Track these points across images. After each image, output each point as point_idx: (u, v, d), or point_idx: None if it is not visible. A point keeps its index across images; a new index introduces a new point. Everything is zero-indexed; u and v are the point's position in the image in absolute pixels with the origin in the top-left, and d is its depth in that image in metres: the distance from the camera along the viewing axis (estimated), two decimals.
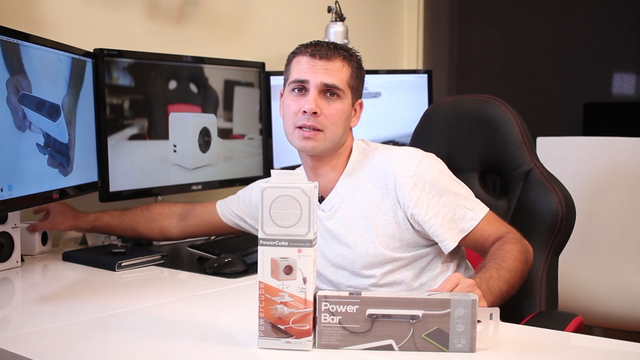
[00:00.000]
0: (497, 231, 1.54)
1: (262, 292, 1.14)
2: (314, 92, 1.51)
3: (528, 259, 1.51)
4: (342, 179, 1.59)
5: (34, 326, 1.29)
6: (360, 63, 1.59)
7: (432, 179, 1.52)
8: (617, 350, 1.25)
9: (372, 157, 1.59)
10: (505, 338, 1.20)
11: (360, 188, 1.57)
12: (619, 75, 4.34)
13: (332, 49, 1.54)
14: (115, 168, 1.98)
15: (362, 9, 2.98)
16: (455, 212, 1.53)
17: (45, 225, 1.90)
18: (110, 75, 1.97)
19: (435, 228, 1.52)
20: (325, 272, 1.61)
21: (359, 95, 1.60)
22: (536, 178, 1.73)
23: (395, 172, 1.53)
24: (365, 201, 1.56)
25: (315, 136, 1.52)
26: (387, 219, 1.54)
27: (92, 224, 1.94)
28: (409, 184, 1.51)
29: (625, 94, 4.29)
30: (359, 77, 1.58)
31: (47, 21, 2.04)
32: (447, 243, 1.52)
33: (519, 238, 1.53)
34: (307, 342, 1.13)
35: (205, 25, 2.49)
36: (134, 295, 1.53)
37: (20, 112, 1.58)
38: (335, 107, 1.52)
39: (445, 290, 1.27)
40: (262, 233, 1.14)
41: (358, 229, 1.56)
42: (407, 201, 1.52)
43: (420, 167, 1.53)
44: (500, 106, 1.80)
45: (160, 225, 1.94)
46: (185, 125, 2.19)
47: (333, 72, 1.52)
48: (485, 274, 1.41)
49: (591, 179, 2.37)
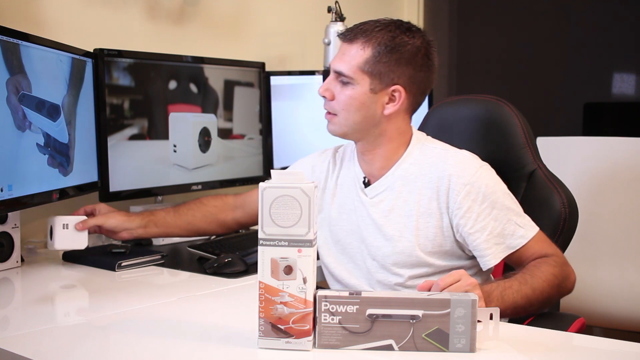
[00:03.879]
0: (541, 251, 1.49)
1: (262, 292, 1.14)
2: (330, 77, 1.52)
3: (562, 285, 1.46)
4: (393, 169, 1.55)
5: (34, 326, 1.29)
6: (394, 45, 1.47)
7: (487, 190, 1.48)
8: (618, 350, 1.25)
9: (428, 154, 1.55)
10: (505, 338, 1.20)
11: (409, 184, 1.53)
12: (619, 75, 4.34)
13: (356, 31, 1.49)
14: (115, 168, 1.98)
15: (362, 9, 2.98)
16: (505, 228, 1.48)
17: (95, 220, 1.77)
18: (110, 75, 1.97)
19: (479, 242, 1.47)
20: (362, 260, 1.58)
21: (392, 81, 1.48)
22: (539, 179, 1.72)
23: (450, 177, 1.49)
24: (413, 198, 1.53)
25: (331, 119, 1.54)
26: (431, 221, 1.51)
27: (147, 219, 1.82)
28: (462, 192, 1.47)
29: (625, 94, 4.29)
30: (385, 62, 1.47)
31: (47, 21, 2.04)
32: (488, 259, 1.47)
33: (562, 263, 1.48)
34: (307, 342, 1.13)
35: (205, 25, 2.49)
36: (134, 295, 1.53)
37: (20, 112, 1.58)
38: (345, 93, 1.49)
39: (444, 283, 1.27)
40: (262, 233, 1.14)
41: (399, 225, 1.53)
42: (456, 209, 1.48)
43: (476, 176, 1.49)
44: (504, 107, 1.80)
45: (217, 218, 1.86)
46: (185, 125, 2.19)
47: (347, 57, 1.49)
48: (505, 282, 1.39)
49: (591, 179, 2.37)
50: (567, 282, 1.48)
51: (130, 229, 1.79)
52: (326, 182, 1.67)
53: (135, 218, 1.81)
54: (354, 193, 1.61)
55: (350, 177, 1.63)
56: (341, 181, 1.65)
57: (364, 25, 1.51)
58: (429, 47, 1.52)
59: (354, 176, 1.62)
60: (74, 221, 1.75)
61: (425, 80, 1.53)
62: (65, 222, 1.74)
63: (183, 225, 1.85)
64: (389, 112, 1.51)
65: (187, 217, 1.85)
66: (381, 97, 1.50)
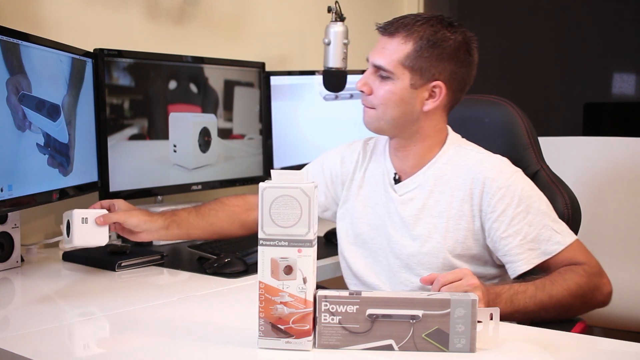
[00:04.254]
0: (572, 259, 1.45)
1: (262, 292, 1.14)
2: (368, 71, 1.50)
3: (589, 296, 1.42)
4: (426, 168, 1.53)
5: (34, 326, 1.29)
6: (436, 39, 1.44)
7: (522, 194, 1.46)
8: (618, 350, 1.25)
9: (463, 156, 1.53)
10: (505, 338, 1.20)
11: (442, 184, 1.51)
12: (619, 75, 4.34)
13: (397, 25, 1.47)
14: (115, 168, 1.98)
15: (362, 9, 2.98)
16: (541, 233, 1.45)
17: (117, 217, 1.61)
18: (110, 75, 1.97)
19: (512, 247, 1.44)
20: (384, 257, 1.56)
21: (433, 76, 1.46)
22: (542, 180, 1.71)
23: (485, 179, 1.47)
24: (445, 199, 1.51)
25: (368, 112, 1.51)
26: (462, 224, 1.49)
27: (170, 219, 1.67)
28: (497, 195, 1.46)
29: (625, 94, 4.29)
30: (427, 57, 1.45)
31: (47, 21, 2.04)
32: (519, 265, 1.44)
33: (593, 273, 1.43)
34: (307, 342, 1.13)
35: (205, 25, 2.49)
36: (134, 295, 1.53)
37: (20, 112, 1.58)
38: (384, 87, 1.47)
39: (444, 280, 1.27)
40: (262, 233, 1.14)
41: (428, 225, 1.51)
42: (489, 212, 1.46)
43: (512, 180, 1.47)
44: (508, 107, 1.79)
45: (239, 218, 1.77)
46: (185, 125, 2.19)
47: (387, 51, 1.46)
48: (520, 286, 1.37)
49: (591, 179, 2.37)
50: (596, 294, 1.43)
51: (151, 231, 1.65)
52: (354, 173, 1.65)
53: (158, 218, 1.66)
54: (382, 188, 1.59)
55: (379, 171, 1.61)
56: (369, 174, 1.63)
57: (405, 19, 1.48)
58: (470, 43, 1.50)
59: (383, 171, 1.60)
60: (94, 215, 1.59)
61: (465, 77, 1.51)
62: (85, 216, 1.58)
63: (205, 226, 1.73)
64: (429, 108, 1.49)
65: (209, 218, 1.74)
66: (421, 93, 1.48)
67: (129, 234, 1.65)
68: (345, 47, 2.24)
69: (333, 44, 2.22)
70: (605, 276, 1.47)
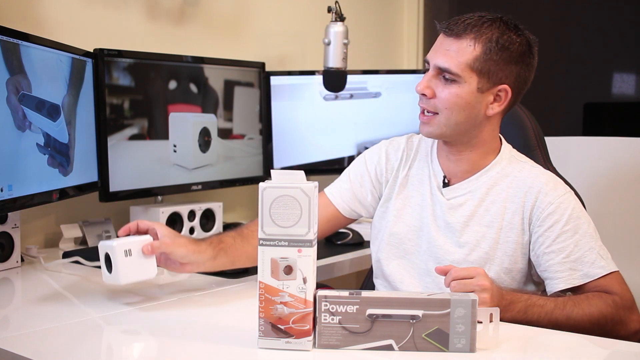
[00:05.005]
0: (605, 286, 1.41)
1: (262, 292, 1.14)
2: (429, 73, 1.44)
3: (612, 329, 1.37)
4: (479, 175, 1.50)
5: (34, 326, 1.29)
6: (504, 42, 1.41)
7: (572, 214, 1.43)
8: (617, 350, 1.25)
9: (518, 167, 1.50)
10: (505, 338, 1.20)
11: (494, 194, 1.48)
12: (619, 75, 4.34)
13: (464, 25, 1.42)
14: (115, 168, 1.98)
15: (362, 9, 2.98)
16: (585, 255, 1.41)
17: (164, 247, 1.43)
18: (110, 75, 1.97)
19: (553, 263, 1.41)
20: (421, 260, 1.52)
21: (500, 80, 1.43)
22: None
23: (539, 193, 1.45)
24: (495, 209, 1.47)
25: (430, 120, 1.45)
26: (511, 236, 1.46)
27: (217, 247, 1.50)
28: (547, 210, 1.43)
29: (625, 94, 4.29)
30: (495, 60, 1.40)
31: (47, 21, 2.04)
32: (557, 282, 1.41)
33: (622, 306, 1.39)
34: (307, 342, 1.13)
35: (205, 25, 2.49)
36: (133, 295, 1.53)
37: (20, 112, 1.58)
38: (449, 91, 1.41)
39: (457, 274, 1.27)
40: (262, 233, 1.14)
41: (477, 234, 1.48)
42: (537, 226, 1.44)
43: (564, 198, 1.45)
44: (515, 108, 1.79)
45: None
46: (185, 125, 2.19)
47: (453, 53, 1.40)
48: (540, 299, 1.35)
49: (591, 179, 2.37)
50: (618, 327, 1.38)
51: (198, 263, 1.47)
52: (397, 171, 1.59)
53: (207, 248, 1.48)
54: (427, 190, 1.54)
55: (425, 172, 1.56)
56: (413, 174, 1.58)
57: (470, 20, 1.43)
58: (533, 46, 1.48)
59: (430, 173, 1.55)
60: (137, 245, 1.41)
61: (528, 80, 1.48)
62: (127, 248, 1.39)
63: (250, 250, 1.53)
64: (493, 112, 1.45)
65: (254, 241, 1.43)
66: (487, 97, 1.44)
67: (173, 265, 1.47)
68: (345, 47, 2.24)
69: (333, 44, 2.23)
70: (637, 313, 1.42)
